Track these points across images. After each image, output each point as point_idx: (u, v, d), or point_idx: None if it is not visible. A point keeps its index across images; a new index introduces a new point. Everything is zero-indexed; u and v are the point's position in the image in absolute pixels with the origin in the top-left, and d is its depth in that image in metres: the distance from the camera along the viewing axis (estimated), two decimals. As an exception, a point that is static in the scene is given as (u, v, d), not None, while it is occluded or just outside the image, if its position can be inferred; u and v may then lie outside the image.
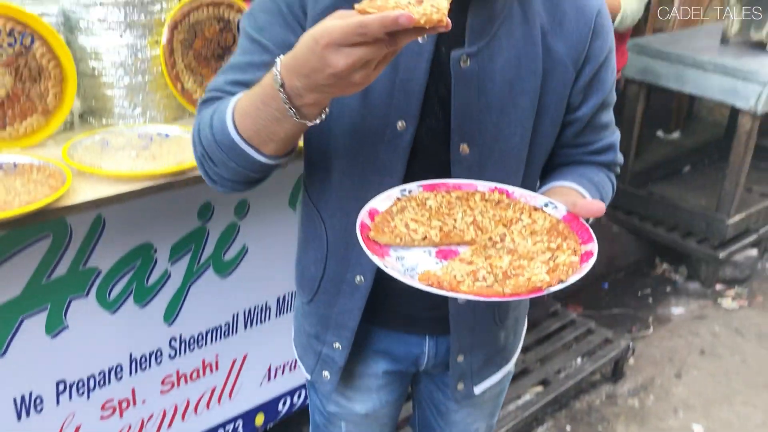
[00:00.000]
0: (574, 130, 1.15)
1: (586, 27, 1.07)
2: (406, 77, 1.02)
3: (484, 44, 1.02)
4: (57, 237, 1.55)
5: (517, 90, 1.05)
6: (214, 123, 0.97)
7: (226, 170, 1.01)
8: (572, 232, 0.97)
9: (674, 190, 4.07)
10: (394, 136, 1.05)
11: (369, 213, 0.97)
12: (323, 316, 1.22)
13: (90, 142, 1.60)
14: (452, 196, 1.02)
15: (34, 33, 1.54)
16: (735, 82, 3.27)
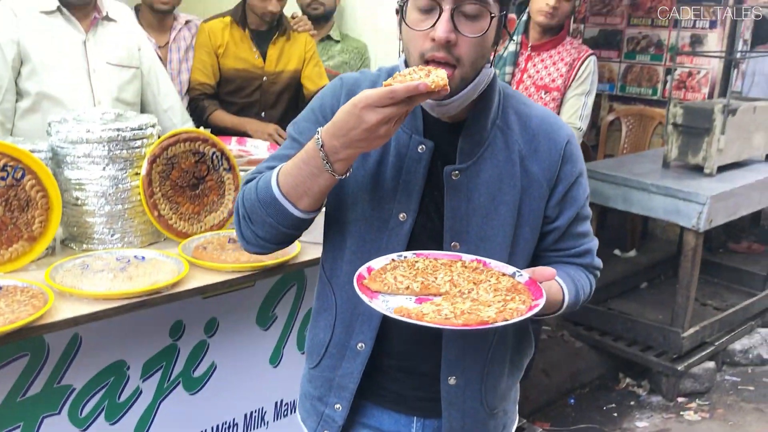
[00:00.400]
0: (553, 237, 1.36)
1: (557, 154, 1.30)
2: (408, 179, 1.27)
3: (472, 163, 1.27)
4: (34, 355, 1.64)
5: (498, 201, 1.28)
6: (260, 185, 1.23)
7: (262, 228, 1.24)
8: (528, 291, 1.17)
9: (632, 306, 4.24)
10: (396, 225, 1.28)
11: (367, 269, 1.21)
12: (327, 378, 1.39)
13: (71, 266, 1.73)
14: (438, 262, 1.23)
15: (26, 167, 1.70)
16: (677, 203, 3.52)
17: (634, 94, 5.61)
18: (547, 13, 2.71)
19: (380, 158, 1.28)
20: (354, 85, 1.31)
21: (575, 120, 2.77)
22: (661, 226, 5.54)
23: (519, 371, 1.49)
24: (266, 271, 1.86)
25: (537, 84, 2.80)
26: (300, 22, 3.24)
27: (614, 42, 5.64)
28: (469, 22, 1.16)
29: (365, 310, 1.30)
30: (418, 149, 1.26)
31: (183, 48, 3.10)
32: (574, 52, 2.80)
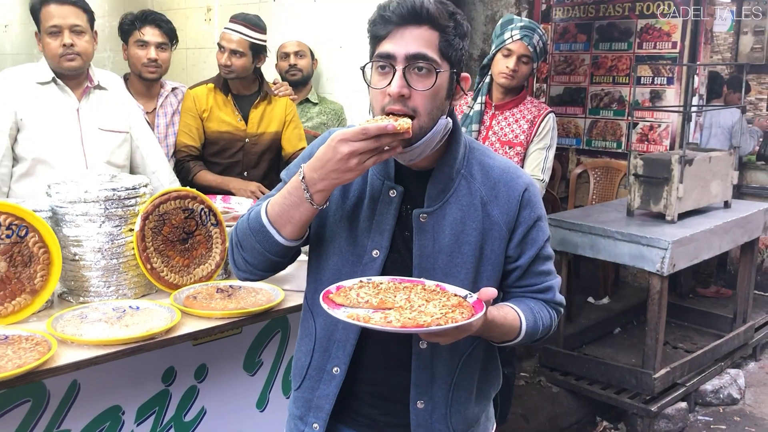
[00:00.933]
0: (516, 275, 1.50)
1: (516, 200, 1.46)
2: (380, 219, 1.43)
3: (438, 207, 1.43)
4: (36, 401, 1.75)
5: (461, 241, 1.43)
6: (251, 215, 1.42)
7: (251, 254, 1.43)
8: (472, 308, 1.30)
9: (607, 351, 4.38)
10: (369, 260, 1.43)
11: (336, 287, 1.36)
12: (307, 399, 1.53)
13: (70, 316, 1.85)
14: (401, 285, 1.37)
15: (29, 225, 1.84)
16: (641, 248, 3.71)
17: (600, 147, 5.87)
18: (507, 75, 2.94)
19: (357, 201, 1.45)
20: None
21: (538, 172, 2.97)
22: (632, 274, 5.73)
23: (486, 400, 1.61)
24: (252, 317, 1.99)
25: (501, 140, 3.01)
26: (281, 88, 3.43)
27: (578, 99, 5.94)
28: (420, 78, 1.32)
29: (340, 337, 1.46)
30: (389, 193, 1.43)
31: (170, 113, 3.28)
32: (534, 110, 3.03)
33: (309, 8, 4.04)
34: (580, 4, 5.84)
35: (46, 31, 2.57)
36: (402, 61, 1.32)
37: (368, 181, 1.46)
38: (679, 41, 5.38)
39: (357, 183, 1.46)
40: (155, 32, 3.16)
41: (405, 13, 1.32)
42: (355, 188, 1.46)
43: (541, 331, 1.50)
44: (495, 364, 1.62)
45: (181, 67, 4.69)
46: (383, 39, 1.34)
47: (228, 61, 3.18)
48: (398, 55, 1.32)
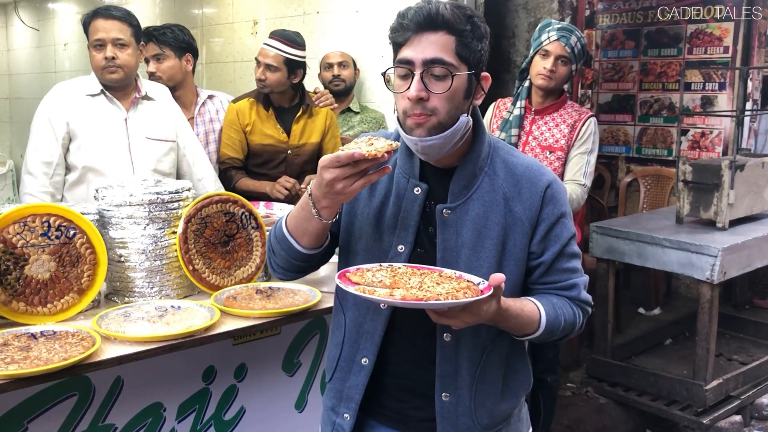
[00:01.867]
0: (540, 271, 1.52)
1: (538, 196, 1.49)
2: (405, 216, 1.49)
3: (461, 203, 1.47)
4: (82, 396, 1.81)
5: (484, 235, 1.46)
6: (277, 225, 1.52)
7: (279, 258, 1.53)
8: (480, 292, 1.30)
9: (656, 362, 4.29)
10: (395, 255, 1.48)
11: (356, 268, 1.39)
12: (338, 390, 1.58)
13: (115, 314, 1.92)
14: (418, 271, 1.39)
15: (77, 227, 1.92)
16: (690, 256, 3.63)
17: (650, 155, 5.77)
18: (545, 75, 2.92)
19: (383, 199, 1.51)
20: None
21: (579, 177, 2.93)
22: (684, 284, 5.59)
23: (515, 398, 1.60)
24: (290, 317, 2.03)
25: (542, 145, 2.99)
26: (322, 98, 3.47)
27: (627, 106, 5.85)
28: (437, 81, 1.38)
29: (368, 329, 1.51)
30: (414, 191, 1.48)
31: (208, 120, 3.36)
32: (575, 114, 3.00)
33: (351, 19, 4.10)
34: (628, 11, 5.77)
35: (92, 44, 2.68)
36: (419, 66, 1.37)
37: (394, 180, 1.52)
38: (731, 45, 5.27)
39: (383, 182, 1.51)
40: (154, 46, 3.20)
41: (421, 20, 1.37)
42: (381, 187, 1.51)
43: (564, 327, 1.50)
44: (523, 361, 1.63)
45: (229, 80, 4.82)
46: (402, 45, 1.40)
47: (263, 75, 3.23)
48: (416, 61, 1.37)
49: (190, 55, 3.30)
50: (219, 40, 5.00)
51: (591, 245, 4.06)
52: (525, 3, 4.13)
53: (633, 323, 4.94)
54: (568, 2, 3.94)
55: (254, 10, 4.71)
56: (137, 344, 1.77)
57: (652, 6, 5.62)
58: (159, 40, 3.21)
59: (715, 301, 3.68)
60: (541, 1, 4.06)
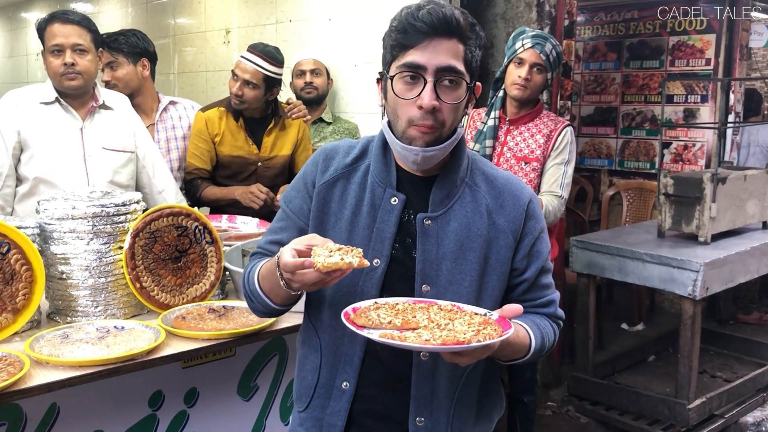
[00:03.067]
0: (522, 288, 1.48)
1: (521, 209, 1.45)
2: (381, 227, 1.41)
3: (442, 212, 1.41)
4: (12, 425, 1.67)
5: (466, 247, 1.40)
6: (250, 277, 1.46)
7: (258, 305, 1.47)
8: (498, 325, 1.27)
9: (639, 379, 4.18)
10: (370, 270, 1.39)
11: (353, 308, 1.31)
12: (317, 419, 1.47)
13: (51, 336, 1.79)
14: (417, 305, 1.33)
15: (11, 242, 1.79)
16: (671, 271, 3.53)
17: (633, 168, 5.70)
18: (520, 85, 2.82)
19: (354, 209, 1.43)
20: (331, 151, 1.50)
21: (556, 188, 2.83)
22: (668, 299, 5.50)
23: (489, 422, 1.54)
24: (242, 338, 1.90)
25: (517, 156, 2.88)
26: (294, 109, 3.35)
27: (610, 119, 5.79)
28: (449, 90, 1.33)
29: (347, 351, 1.42)
30: (391, 201, 1.41)
31: (169, 127, 3.23)
32: (551, 124, 2.90)
33: (324, 27, 4.00)
34: (609, 23, 5.72)
35: (49, 49, 2.56)
36: (432, 74, 1.31)
37: (368, 188, 1.44)
38: (713, 58, 5.22)
39: (353, 191, 1.44)
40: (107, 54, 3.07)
41: (437, 23, 1.30)
42: (352, 196, 1.44)
43: (547, 349, 1.46)
44: (496, 382, 1.56)
45: (201, 90, 4.70)
46: (411, 48, 1.32)
47: (240, 90, 3.09)
48: (429, 67, 1.31)
49: (146, 60, 3.17)
50: (191, 50, 4.88)
51: (571, 260, 3.96)
52: (503, 13, 4.05)
53: (616, 339, 4.84)
54: (547, 12, 3.86)
55: (226, 19, 4.60)
56: (72, 369, 1.64)
57: (634, 18, 5.57)
58: (111, 47, 3.08)
59: (697, 317, 3.58)
60: (519, 11, 3.98)
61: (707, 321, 5.00)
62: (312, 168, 1.49)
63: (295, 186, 1.52)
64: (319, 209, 1.46)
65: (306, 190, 1.48)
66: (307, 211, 1.47)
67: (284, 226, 1.51)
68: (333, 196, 1.45)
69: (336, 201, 1.45)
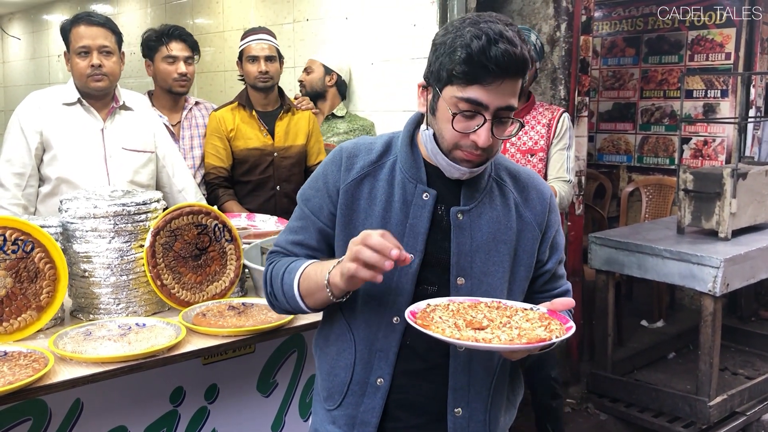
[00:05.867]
0: (544, 279, 1.54)
1: (545, 203, 1.52)
2: (414, 223, 1.42)
3: (474, 206, 1.44)
4: (37, 420, 1.71)
5: (498, 239, 1.44)
6: (286, 278, 1.45)
7: (282, 306, 1.50)
8: (555, 319, 1.32)
9: (659, 376, 4.15)
10: (404, 266, 1.34)
11: (410, 312, 1.31)
12: (350, 416, 1.47)
13: (75, 333, 1.82)
14: (465, 304, 1.36)
15: (35, 240, 1.82)
16: (691, 267, 3.51)
17: (652, 164, 5.66)
18: None
19: (386, 205, 1.44)
20: (354, 149, 1.50)
21: (563, 173, 2.87)
22: (689, 296, 5.46)
23: (514, 409, 1.59)
24: (262, 335, 1.92)
25: (521, 149, 2.91)
26: (303, 102, 3.49)
27: (628, 114, 5.75)
28: (501, 126, 1.35)
29: (382, 346, 1.43)
30: (422, 196, 1.43)
31: (194, 125, 3.29)
32: (547, 113, 2.94)
33: (341, 26, 4.01)
34: (628, 18, 5.68)
35: (75, 51, 2.59)
36: (492, 113, 1.32)
37: (397, 184, 1.45)
38: (733, 51, 5.16)
39: (384, 187, 1.45)
40: (182, 47, 3.17)
41: (510, 67, 1.28)
42: (382, 193, 1.45)
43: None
44: (518, 371, 1.61)
45: (219, 90, 4.73)
46: (475, 84, 1.30)
47: (265, 68, 3.21)
48: (491, 106, 1.31)
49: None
50: (209, 50, 4.92)
51: (590, 256, 3.94)
52: (520, 9, 4.03)
53: (635, 336, 4.81)
54: (564, 8, 3.84)
55: (244, 19, 4.62)
56: (95, 365, 1.67)
57: (652, 13, 5.52)
58: (188, 43, 3.21)
59: (718, 313, 3.55)
60: (536, 7, 3.96)
61: (728, 318, 4.95)
62: (333, 167, 1.49)
63: (314, 185, 1.52)
64: (348, 207, 1.45)
65: (326, 190, 1.48)
66: (328, 212, 1.47)
67: (303, 226, 1.52)
68: (361, 193, 1.45)
69: (365, 198, 1.45)
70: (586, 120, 3.98)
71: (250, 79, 3.24)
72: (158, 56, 3.14)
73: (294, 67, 4.23)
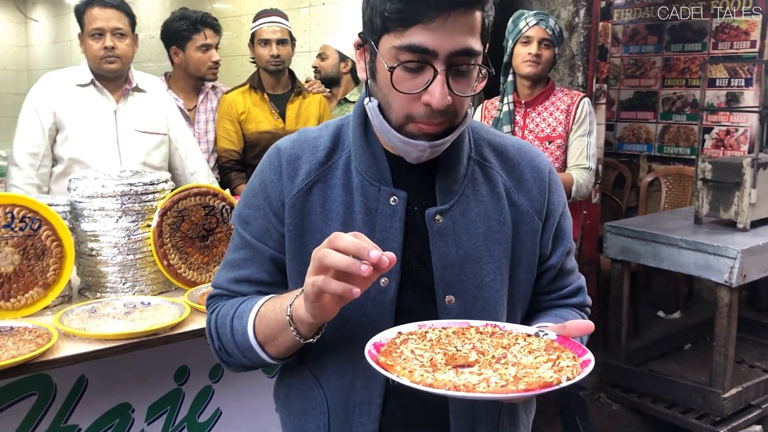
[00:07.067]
0: (548, 277, 1.24)
1: (543, 182, 1.20)
2: (383, 237, 1.12)
3: (454, 202, 1.13)
4: (42, 395, 1.74)
5: (491, 240, 1.15)
6: (235, 325, 1.14)
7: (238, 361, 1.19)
8: (567, 348, 1.02)
9: (674, 367, 4.11)
10: (378, 293, 1.11)
11: (374, 345, 1.00)
12: None
13: (80, 311, 1.84)
14: (449, 331, 1.07)
15: (42, 218, 1.84)
16: (707, 258, 3.46)
17: (672, 153, 5.58)
18: (531, 62, 2.81)
19: (344, 219, 1.13)
20: (293, 150, 1.19)
21: (583, 160, 2.82)
22: (707, 287, 5.39)
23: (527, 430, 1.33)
24: (265, 316, 1.93)
25: (539, 136, 2.87)
26: (314, 85, 3.51)
27: (649, 103, 5.66)
28: (461, 78, 1.04)
29: (362, 398, 1.14)
30: (390, 201, 1.13)
31: (210, 109, 3.32)
32: (566, 99, 2.89)
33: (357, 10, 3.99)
34: (650, 5, 5.58)
35: (89, 33, 2.62)
36: (444, 61, 1.01)
37: (356, 189, 1.14)
38: (758, 40, 5.05)
39: (339, 195, 1.14)
40: (212, 33, 3.21)
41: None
42: (338, 203, 1.14)
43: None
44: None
45: (236, 74, 4.74)
46: (414, 23, 0.99)
47: (276, 51, 3.24)
48: (441, 52, 1.00)
49: None
50: (227, 33, 4.92)
51: (605, 245, 3.90)
52: (538, -5, 3.99)
53: (651, 327, 4.76)
54: (583, -7, 3.79)
55: (261, 3, 4.62)
56: (98, 342, 1.69)
57: (676, 0, 5.43)
58: (218, 31, 3.27)
59: (734, 305, 3.50)
60: (554, -8, 3.92)
61: (747, 310, 4.89)
62: (272, 175, 1.17)
63: (252, 202, 1.20)
64: (297, 227, 1.14)
65: (270, 206, 1.17)
66: (276, 234, 1.16)
67: (247, 257, 1.19)
68: (312, 206, 1.14)
69: (317, 213, 1.14)
70: (604, 108, 3.93)
71: (262, 62, 3.25)
72: (191, 44, 3.16)
73: (309, 51, 4.23)
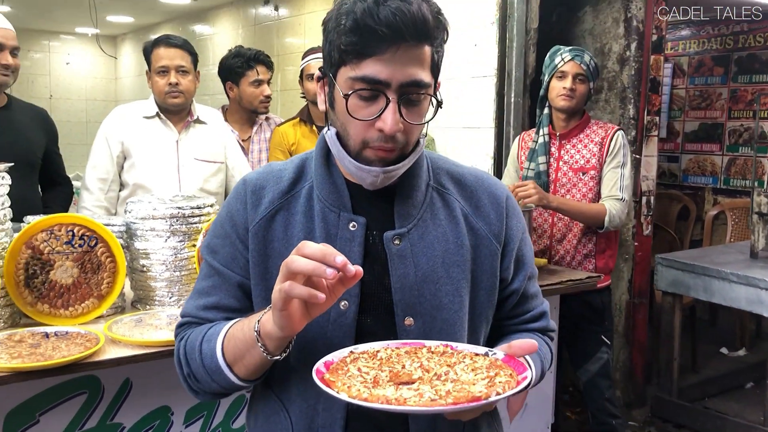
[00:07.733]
0: (511, 302, 1.29)
1: (500, 207, 1.26)
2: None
3: (412, 225, 1.19)
4: (92, 394, 1.94)
5: (449, 263, 1.19)
6: (203, 349, 1.16)
7: (207, 387, 1.21)
8: (509, 366, 1.06)
9: (732, 406, 4.03)
10: (338, 315, 1.16)
11: (324, 364, 1.05)
12: None
13: (128, 320, 2.04)
14: (401, 350, 1.11)
15: (99, 237, 2.07)
16: (759, 293, 3.40)
17: (739, 186, 5.47)
18: (566, 96, 2.89)
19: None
20: (258, 181, 1.25)
21: (616, 191, 2.87)
22: (776, 326, 5.22)
23: None
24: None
25: (573, 168, 2.94)
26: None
27: (715, 135, 5.59)
28: (413, 108, 1.11)
29: (324, 421, 1.17)
30: (349, 227, 1.18)
31: (263, 139, 3.55)
32: (601, 132, 2.95)
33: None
34: (717, 36, 5.53)
35: (156, 70, 2.88)
36: (396, 91, 1.09)
37: (317, 215, 1.19)
38: (828, 71, 4.94)
39: (301, 222, 1.20)
40: (265, 69, 3.44)
41: (404, 28, 1.05)
42: (299, 229, 1.19)
43: (544, 375, 1.29)
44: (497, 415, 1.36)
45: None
46: (368, 57, 1.07)
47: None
48: (393, 82, 1.08)
49: None
50: (293, 68, 5.20)
51: (656, 278, 3.89)
52: (591, 29, 4.06)
53: (712, 363, 4.66)
54: (635, 27, 3.84)
55: (325, 39, 4.87)
56: (140, 347, 1.88)
57: (743, 31, 5.36)
58: (270, 67, 3.51)
59: (787, 342, 3.42)
60: (607, 26, 3.98)
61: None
62: (238, 205, 1.23)
63: (219, 232, 1.25)
64: (260, 253, 1.19)
65: (236, 234, 1.22)
66: (243, 261, 1.21)
67: (215, 284, 1.23)
68: (274, 234, 1.19)
69: (279, 239, 1.19)
70: (656, 140, 3.94)
71: (310, 96, 3.45)
72: (245, 80, 3.40)
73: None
